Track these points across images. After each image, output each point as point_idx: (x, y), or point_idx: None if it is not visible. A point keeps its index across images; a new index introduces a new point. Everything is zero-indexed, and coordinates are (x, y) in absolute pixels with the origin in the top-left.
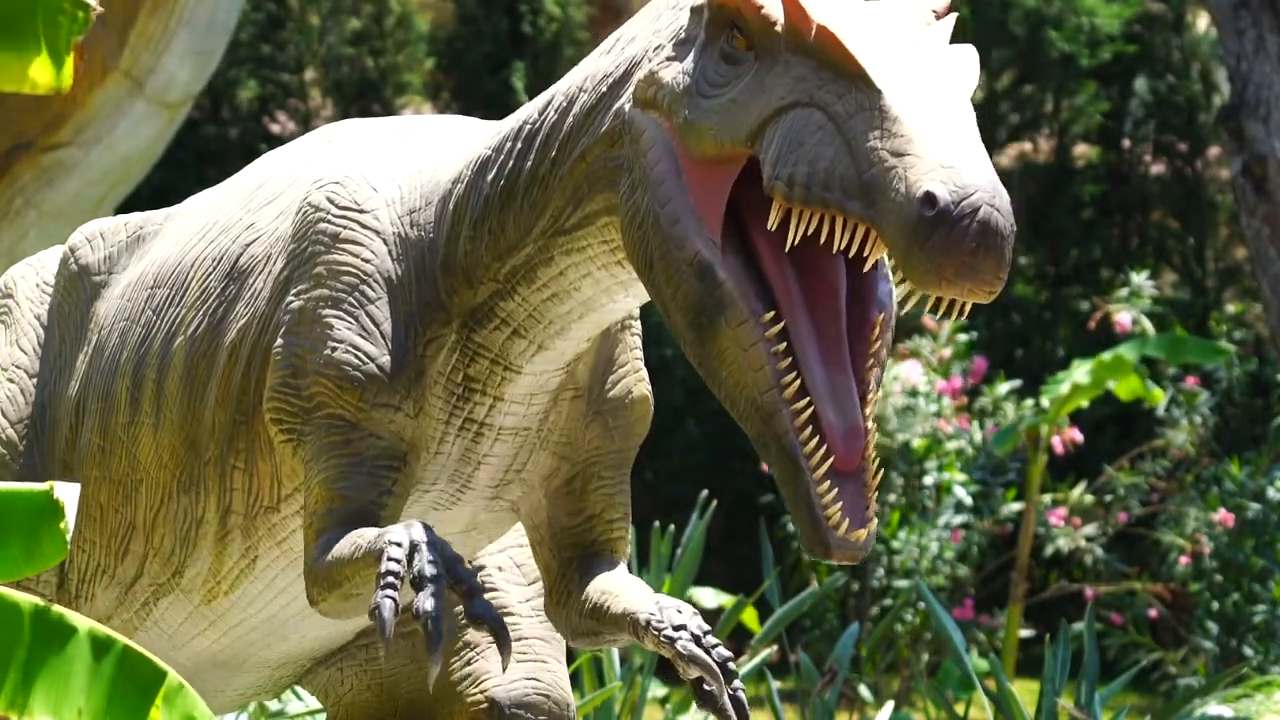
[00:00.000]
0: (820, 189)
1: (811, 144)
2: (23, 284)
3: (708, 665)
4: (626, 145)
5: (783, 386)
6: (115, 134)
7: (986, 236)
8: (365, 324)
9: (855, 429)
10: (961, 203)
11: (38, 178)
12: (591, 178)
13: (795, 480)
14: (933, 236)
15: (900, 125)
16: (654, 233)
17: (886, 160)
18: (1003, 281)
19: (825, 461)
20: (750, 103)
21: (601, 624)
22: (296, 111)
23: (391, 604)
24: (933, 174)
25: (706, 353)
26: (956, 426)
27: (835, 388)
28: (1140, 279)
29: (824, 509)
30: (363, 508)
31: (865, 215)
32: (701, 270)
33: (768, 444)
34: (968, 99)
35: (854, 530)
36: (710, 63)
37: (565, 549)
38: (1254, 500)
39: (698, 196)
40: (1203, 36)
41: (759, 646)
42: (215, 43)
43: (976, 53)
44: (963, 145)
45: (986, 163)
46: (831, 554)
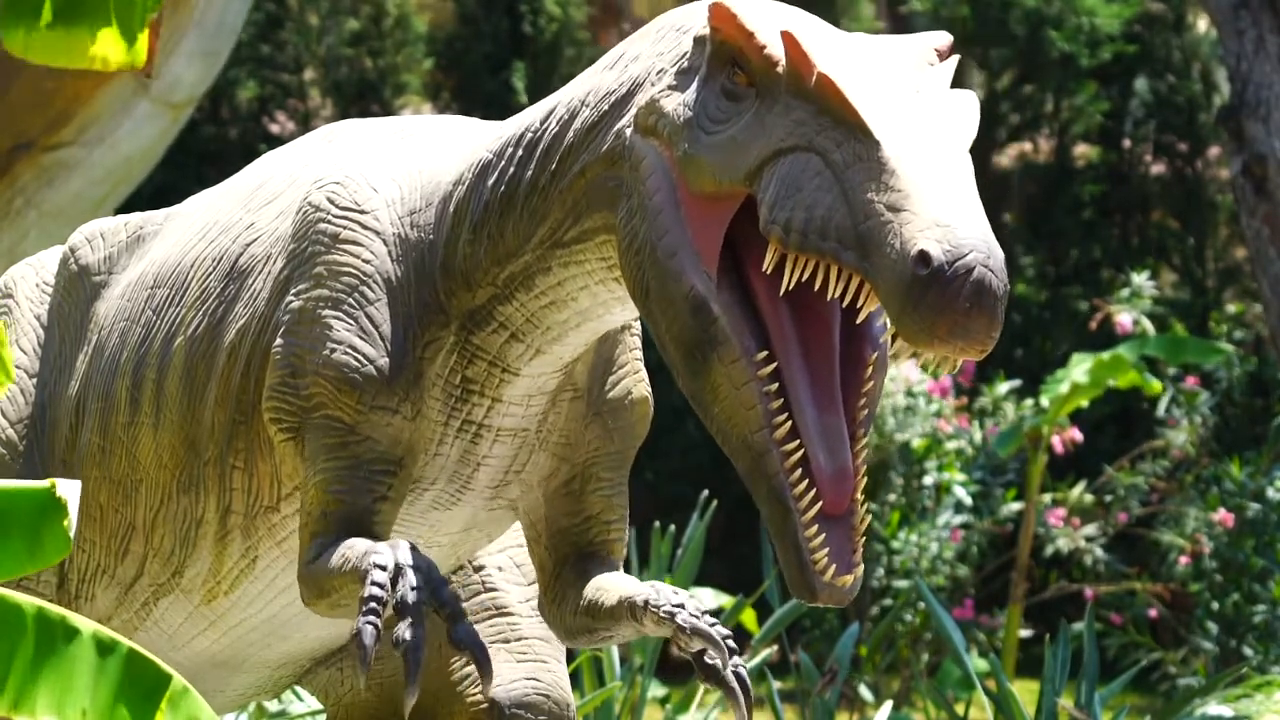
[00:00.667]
0: (816, 237)
1: (809, 190)
2: (23, 284)
3: (709, 636)
4: (626, 169)
5: (774, 427)
6: (119, 134)
7: (980, 297)
8: (364, 325)
9: (844, 471)
10: (956, 263)
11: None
12: (590, 195)
13: (784, 523)
14: (926, 296)
15: (897, 179)
16: (650, 263)
17: (882, 214)
18: (994, 340)
19: (814, 505)
20: (750, 142)
21: (596, 619)
22: (296, 112)
23: (372, 630)
24: (927, 232)
25: (699, 387)
26: (956, 426)
27: (826, 429)
28: (1141, 279)
29: (811, 553)
30: (357, 512)
31: (860, 267)
32: (696, 306)
33: (757, 483)
34: (966, 149)
35: (840, 576)
36: (712, 97)
37: (562, 548)
38: (1254, 500)
39: (695, 230)
40: (1203, 36)
41: (759, 646)
42: (223, 44)
43: (976, 99)
44: (959, 202)
45: (982, 219)
46: (817, 598)
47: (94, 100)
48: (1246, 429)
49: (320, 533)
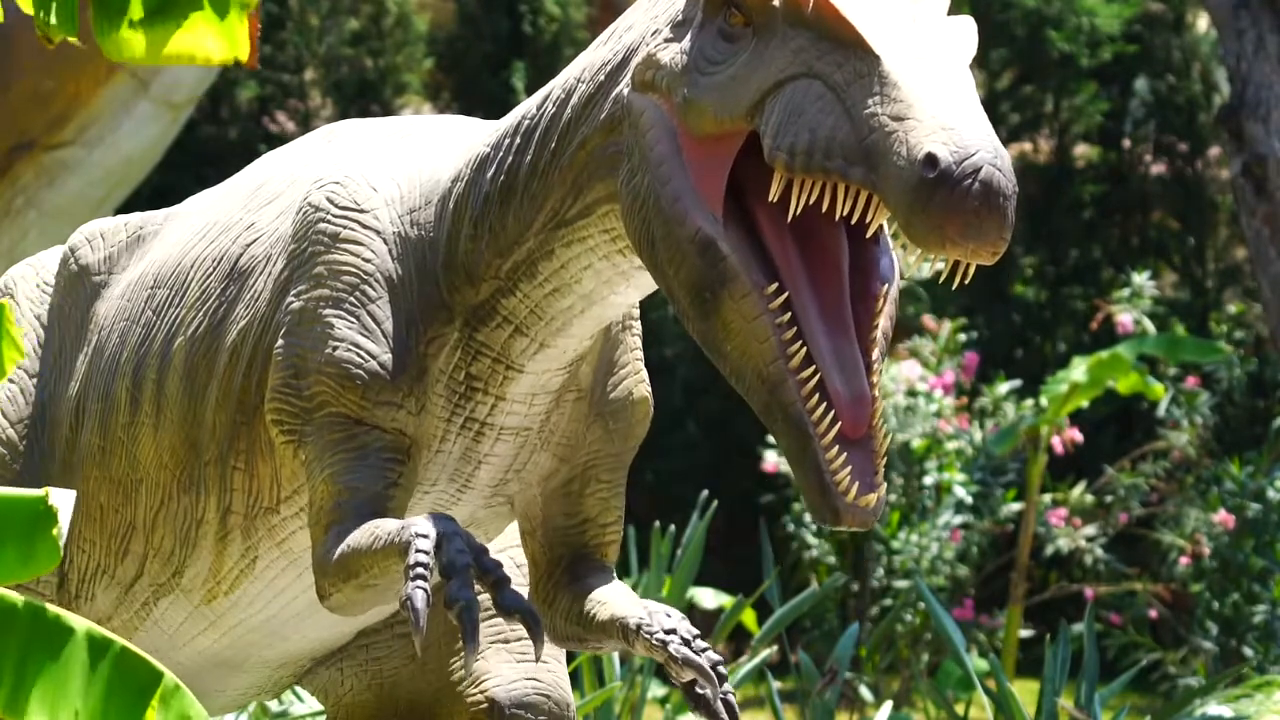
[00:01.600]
0: (821, 157)
1: (812, 113)
2: (23, 284)
3: (700, 668)
4: (626, 130)
5: (788, 356)
6: (119, 134)
7: (989, 196)
8: (366, 323)
9: (862, 396)
10: (963, 163)
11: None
12: (591, 166)
13: (803, 448)
14: (935, 197)
15: (899, 90)
16: (655, 212)
17: (887, 125)
18: (1006, 241)
19: (833, 428)
20: (749, 77)
21: (587, 631)
22: (296, 112)
23: (423, 594)
24: (933, 136)
25: (710, 328)
26: (956, 427)
27: (841, 356)
28: (1141, 279)
29: (833, 475)
30: (370, 499)
31: (867, 181)
32: (703, 246)
33: (774, 414)
34: (966, 65)
35: (863, 495)
36: (708, 41)
37: (556, 547)
38: (1254, 500)
39: (698, 174)
40: (1203, 36)
41: (759, 647)
42: None
43: (975, 23)
44: (962, 107)
45: (986, 124)
46: (842, 519)
47: (94, 101)
48: (1246, 429)
49: (336, 522)
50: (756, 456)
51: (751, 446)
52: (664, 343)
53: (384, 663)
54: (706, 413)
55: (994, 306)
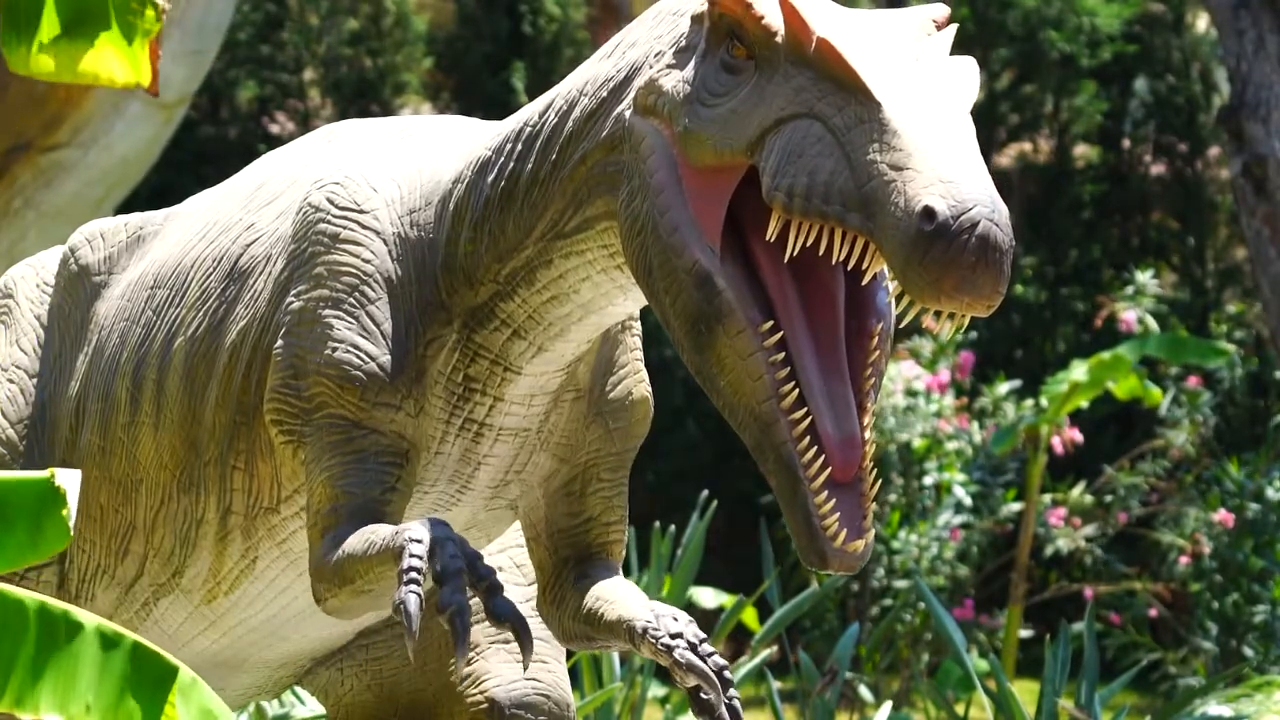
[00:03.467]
0: (820, 201)
1: (811, 155)
2: (23, 284)
3: (705, 674)
4: (626, 151)
5: (780, 396)
6: (112, 134)
7: (985, 251)
8: (366, 324)
9: (852, 439)
10: (960, 217)
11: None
12: (591, 182)
13: (793, 491)
14: (931, 251)
15: (899, 139)
16: (653, 240)
17: (886, 174)
18: (1001, 295)
19: (823, 472)
20: (750, 113)
21: (595, 630)
22: (296, 112)
23: (417, 599)
24: (932, 188)
25: (704, 361)
26: (956, 427)
27: (833, 398)
28: (1145, 277)
29: (821, 520)
30: (367, 504)
31: (864, 228)
32: (700, 279)
33: (765, 453)
34: (967, 111)
35: (851, 541)
36: (711, 71)
37: (561, 549)
38: (1254, 500)
39: (697, 205)
40: (1203, 36)
41: (759, 647)
42: (207, 43)
43: (976, 63)
44: (962, 159)
45: (985, 177)
46: (829, 564)
47: (86, 102)
48: (1246, 429)
49: (332, 526)
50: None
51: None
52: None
53: (384, 663)
54: (706, 413)
55: None
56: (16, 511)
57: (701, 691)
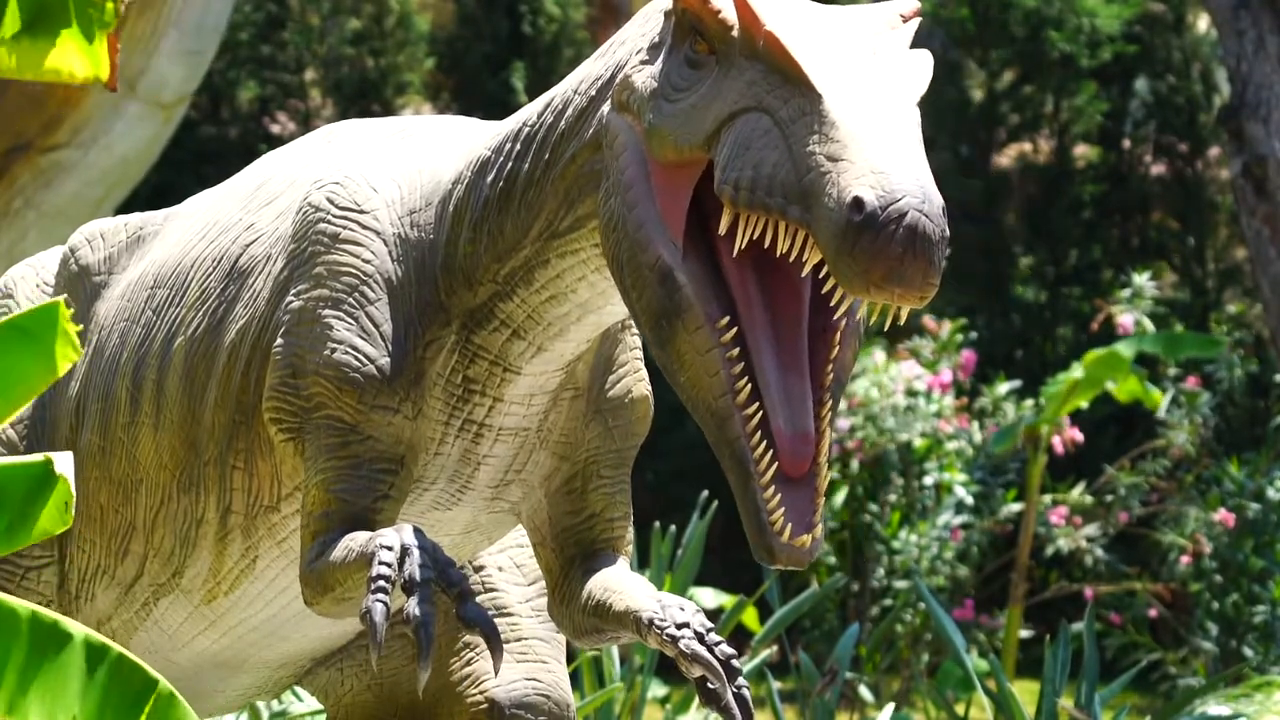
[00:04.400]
0: (763, 193)
1: (757, 148)
2: (23, 284)
3: (710, 664)
4: (605, 149)
5: (735, 392)
6: (111, 135)
7: (914, 242)
8: (365, 325)
9: (805, 435)
10: (889, 208)
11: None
12: (581, 181)
13: (744, 485)
14: (860, 241)
15: (837, 130)
16: (623, 236)
17: (822, 165)
18: (934, 287)
19: (771, 467)
20: (708, 107)
21: (604, 621)
22: (296, 112)
23: (383, 608)
24: (863, 179)
25: (667, 356)
26: (956, 427)
27: (789, 394)
28: (1142, 280)
29: (769, 514)
30: (358, 511)
31: (802, 220)
32: (662, 274)
33: (721, 448)
34: (913, 103)
35: (797, 536)
36: (675, 67)
37: (567, 549)
38: (1254, 500)
39: (663, 200)
40: (1203, 37)
41: (759, 647)
42: (205, 43)
43: (931, 57)
44: (897, 150)
45: (921, 167)
46: (776, 559)
47: (84, 103)
48: (1246, 429)
49: (322, 532)
50: None
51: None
52: None
53: (384, 663)
54: None
55: (993, 307)
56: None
57: (708, 681)
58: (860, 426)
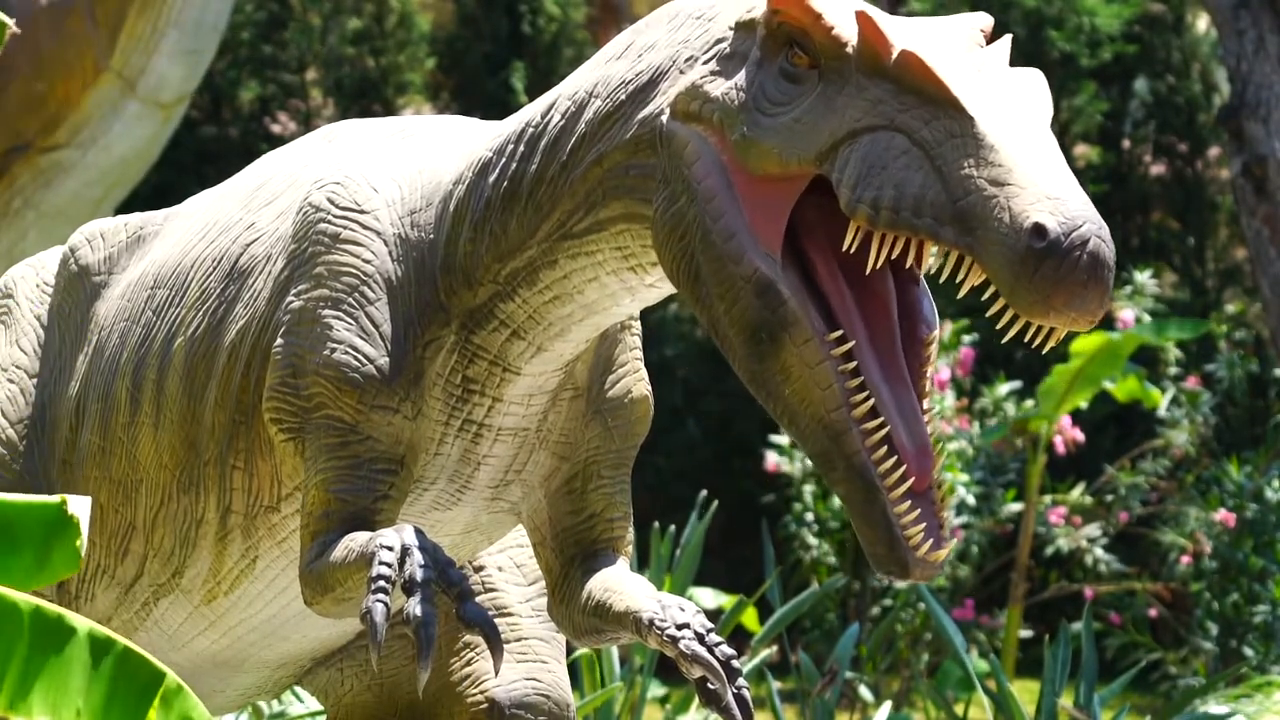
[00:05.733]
0: (910, 214)
1: (896, 168)
2: (23, 284)
3: (710, 665)
4: (662, 156)
5: (852, 405)
6: (110, 135)
7: (1096, 268)
8: (365, 325)
9: (925, 448)
10: (1072, 234)
11: (35, 179)
12: (608, 184)
13: (870, 500)
14: (1042, 268)
15: (997, 154)
16: (703, 247)
17: (985, 189)
18: (1105, 310)
19: (904, 482)
20: (818, 123)
21: (604, 621)
22: (298, 112)
23: (383, 608)
24: (1039, 205)
25: (765, 369)
26: (957, 427)
27: (903, 406)
28: (1143, 278)
29: (903, 529)
30: (358, 512)
31: (960, 243)
32: (761, 287)
33: (834, 462)
34: (1049, 125)
35: (934, 550)
36: (769, 80)
37: (567, 549)
38: (1254, 500)
39: (754, 212)
40: (1203, 37)
41: (759, 647)
42: (205, 42)
43: (1044, 76)
44: (1063, 175)
45: (1084, 193)
46: (910, 573)
47: (83, 103)
48: (1246, 429)
49: (322, 532)
50: (757, 456)
51: (752, 446)
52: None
53: (384, 663)
54: (706, 413)
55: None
56: (24, 536)
57: (708, 682)
58: None
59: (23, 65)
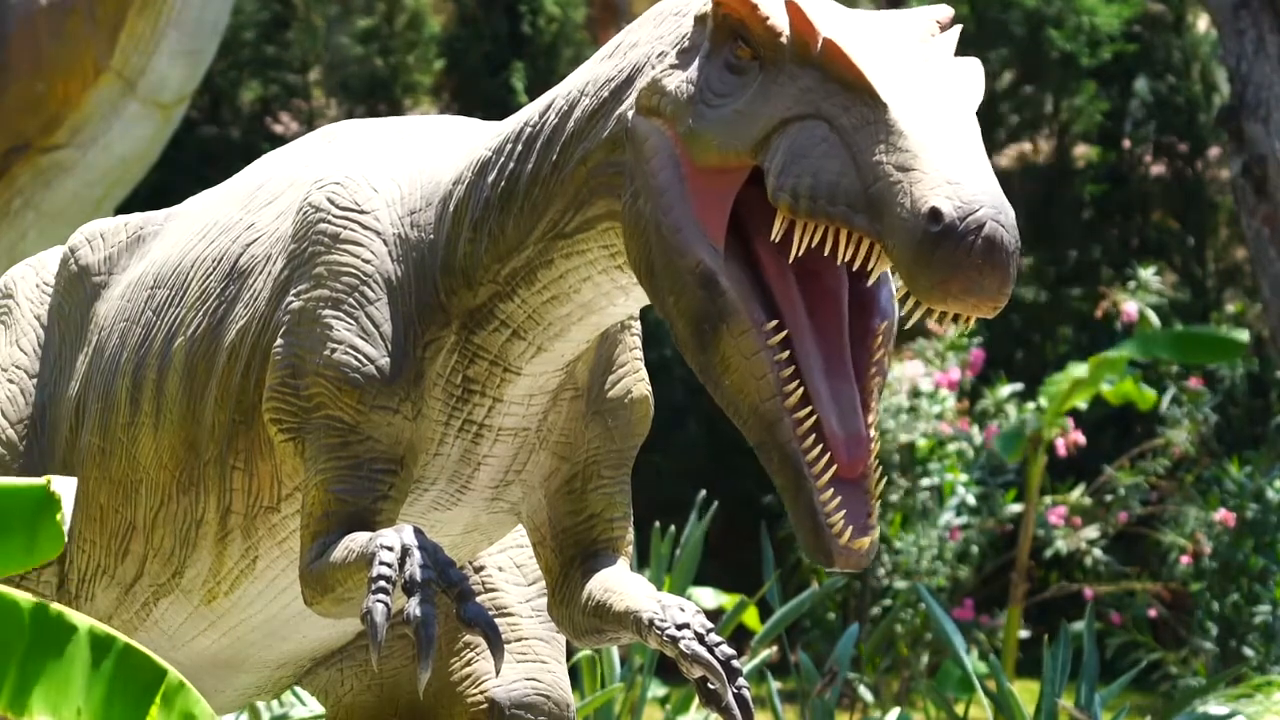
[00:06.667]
0: (825, 202)
1: (816, 156)
2: (23, 284)
3: (711, 665)
4: (629, 151)
5: (785, 394)
6: (110, 135)
7: (992, 253)
8: (365, 325)
9: (858, 437)
10: (967, 218)
11: (36, 179)
12: (592, 182)
13: (798, 488)
14: (938, 252)
15: (906, 140)
16: (656, 240)
17: (892, 175)
18: (1007, 296)
19: (828, 470)
20: (755, 113)
21: (604, 621)
22: (300, 112)
23: (383, 609)
24: (938, 189)
25: (708, 360)
26: (957, 429)
27: (838, 396)
28: (1147, 274)
29: (827, 517)
30: (359, 512)
31: (870, 229)
32: (704, 279)
33: (769, 452)
34: (973, 112)
35: (857, 538)
36: (715, 72)
37: (567, 549)
38: (1254, 500)
39: (700, 205)
40: (1203, 37)
41: (759, 647)
42: (205, 42)
43: (981, 64)
44: (968, 160)
45: (992, 178)
46: (834, 561)
47: (83, 103)
48: (1246, 429)
49: (322, 532)
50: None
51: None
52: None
53: (384, 663)
54: (706, 412)
55: None
56: (11, 518)
57: (708, 682)
58: None
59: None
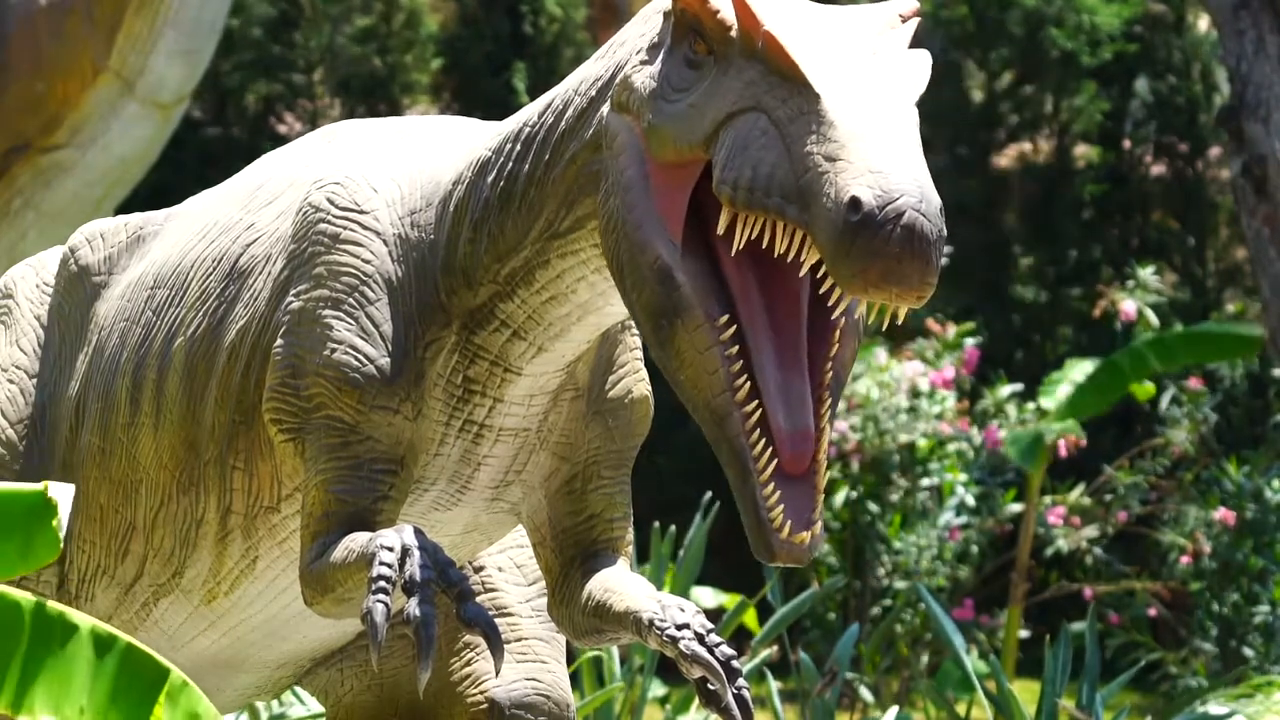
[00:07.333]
0: (761, 194)
1: (755, 148)
2: (23, 284)
3: (710, 665)
4: (604, 149)
5: (735, 389)
6: (110, 135)
7: (911, 242)
8: (365, 325)
9: (804, 432)
10: (886, 207)
11: (35, 179)
12: (580, 181)
13: (743, 482)
14: (857, 241)
15: (835, 130)
16: (622, 237)
17: (820, 165)
18: (931, 287)
19: (770, 464)
20: (706, 107)
21: (604, 622)
22: (303, 112)
23: (383, 609)
24: (860, 179)
25: (666, 354)
26: (957, 429)
27: (788, 391)
28: (1146, 273)
29: (768, 511)
30: (359, 512)
31: (800, 220)
32: (661, 274)
33: (720, 446)
34: (912, 103)
35: (797, 533)
36: (675, 67)
37: (567, 549)
38: (1253, 500)
39: (661, 200)
40: (1203, 37)
41: (759, 647)
42: (203, 42)
43: (930, 57)
44: (896, 150)
45: (920, 166)
46: (775, 556)
47: (82, 103)
48: (1246, 429)
49: (322, 532)
50: None
51: None
52: None
53: (384, 663)
54: None
55: (993, 307)
56: (8, 523)
57: (708, 682)
58: (859, 428)
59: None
